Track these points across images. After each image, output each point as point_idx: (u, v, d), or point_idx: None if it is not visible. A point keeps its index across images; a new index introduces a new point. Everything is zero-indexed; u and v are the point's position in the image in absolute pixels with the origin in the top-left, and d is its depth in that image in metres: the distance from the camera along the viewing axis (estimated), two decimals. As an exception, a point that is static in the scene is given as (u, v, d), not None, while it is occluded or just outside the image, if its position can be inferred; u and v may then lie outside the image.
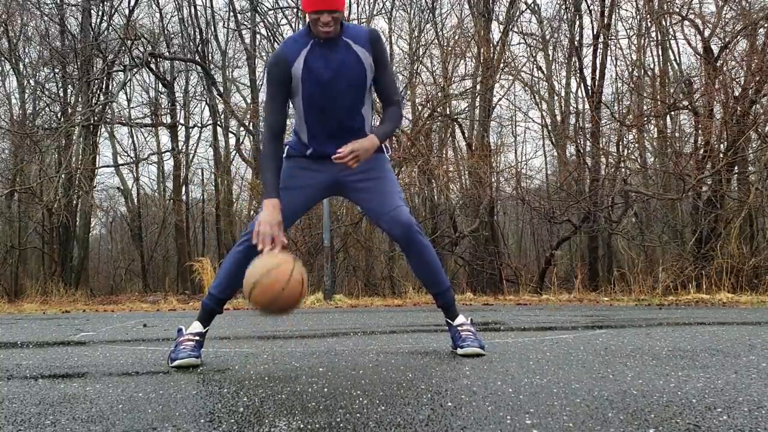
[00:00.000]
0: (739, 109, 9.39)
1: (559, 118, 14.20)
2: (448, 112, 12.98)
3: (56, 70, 16.04)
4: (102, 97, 15.79)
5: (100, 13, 15.79)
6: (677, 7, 11.08)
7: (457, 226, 12.72)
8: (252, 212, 15.50)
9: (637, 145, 12.21)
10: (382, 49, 2.40)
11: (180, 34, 16.93)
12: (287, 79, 2.36)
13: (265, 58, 16.19)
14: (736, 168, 9.99)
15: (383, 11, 15.49)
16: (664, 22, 12.24)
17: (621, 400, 1.56)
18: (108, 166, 17.90)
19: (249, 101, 16.29)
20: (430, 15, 14.39)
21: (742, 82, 9.81)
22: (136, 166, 18.77)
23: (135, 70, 15.25)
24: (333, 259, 10.87)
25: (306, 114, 2.40)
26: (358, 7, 17.12)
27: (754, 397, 1.58)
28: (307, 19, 2.32)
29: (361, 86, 2.38)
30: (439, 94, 12.64)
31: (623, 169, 11.81)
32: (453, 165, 13.65)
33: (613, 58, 13.85)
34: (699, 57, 10.76)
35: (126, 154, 19.02)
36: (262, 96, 13.58)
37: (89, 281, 16.31)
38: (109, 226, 22.42)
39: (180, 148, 17.61)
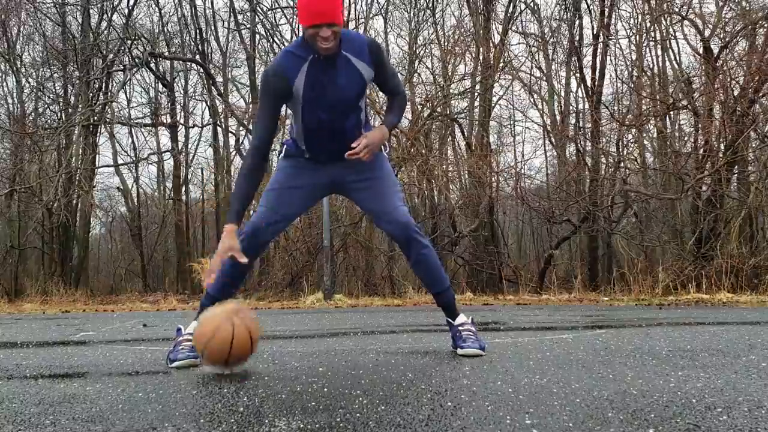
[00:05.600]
0: (738, 108, 9.39)
1: (558, 118, 14.20)
2: (447, 112, 12.97)
3: (56, 70, 16.04)
4: (102, 97, 15.78)
5: (99, 12, 15.79)
6: (677, 7, 11.08)
7: (456, 226, 12.72)
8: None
9: (636, 144, 12.21)
10: (381, 57, 2.36)
11: (180, 34, 16.94)
12: (285, 96, 2.30)
13: (264, 58, 16.19)
14: (735, 168, 9.98)
15: (381, 11, 15.50)
16: (663, 22, 12.25)
17: (621, 400, 1.56)
18: (108, 166, 17.91)
19: (249, 101, 16.29)
20: (430, 14, 14.41)
21: (742, 82, 9.81)
22: (136, 166, 18.77)
23: (135, 69, 15.25)
24: (333, 258, 10.87)
25: (305, 127, 2.38)
26: (356, 6, 17.09)
27: (754, 397, 1.58)
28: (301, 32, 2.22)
29: (360, 98, 2.36)
30: (439, 93, 12.63)
31: (623, 169, 11.81)
32: (452, 165, 13.65)
33: (613, 58, 13.87)
34: (699, 57, 10.76)
35: (126, 154, 19.01)
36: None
37: (89, 281, 16.30)
38: (109, 225, 22.41)
39: (180, 148, 17.61)
